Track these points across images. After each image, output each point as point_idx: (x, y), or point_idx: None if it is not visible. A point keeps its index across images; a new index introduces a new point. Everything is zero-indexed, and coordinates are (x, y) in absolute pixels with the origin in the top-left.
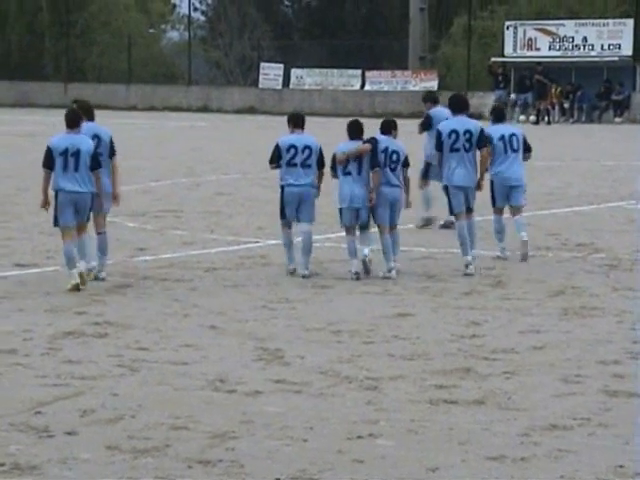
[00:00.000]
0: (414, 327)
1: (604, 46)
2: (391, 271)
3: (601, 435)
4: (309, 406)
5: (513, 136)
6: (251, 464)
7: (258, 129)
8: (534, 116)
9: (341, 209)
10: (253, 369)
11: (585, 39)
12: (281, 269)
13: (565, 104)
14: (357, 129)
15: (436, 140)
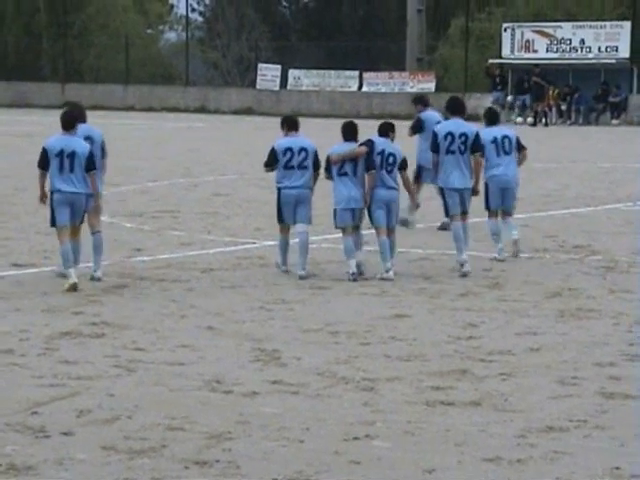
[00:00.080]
0: (411, 328)
1: (601, 48)
2: (389, 271)
3: (597, 437)
4: (306, 407)
5: (505, 138)
6: (247, 465)
7: (255, 130)
8: (531, 118)
9: (337, 210)
10: (250, 370)
11: (582, 41)
12: (278, 270)
13: (562, 106)
14: (351, 131)
15: (432, 141)
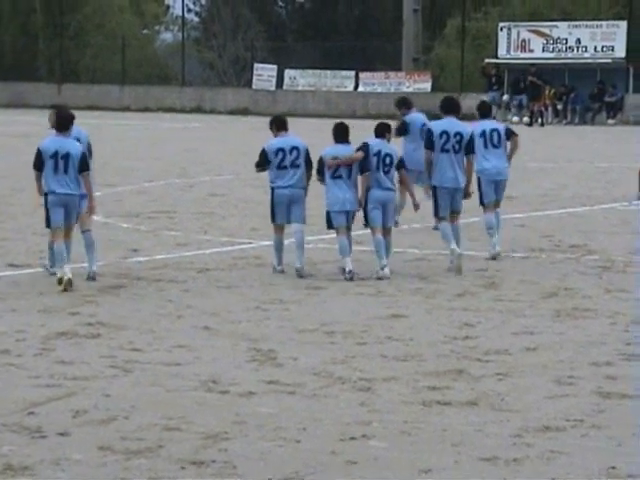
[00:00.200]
0: (407, 328)
1: (597, 48)
2: (384, 268)
3: (594, 436)
4: (302, 407)
5: (494, 132)
6: (244, 465)
7: (251, 130)
8: (527, 117)
9: (331, 212)
10: (246, 370)
11: (578, 41)
12: (274, 271)
13: (558, 106)
14: (342, 132)
15: (426, 139)
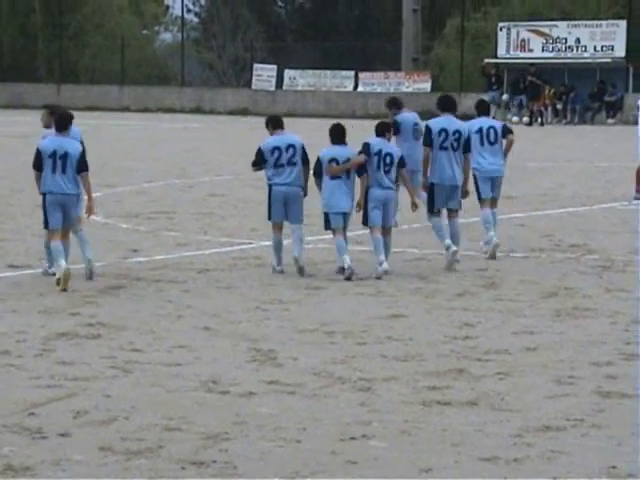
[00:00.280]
0: (407, 328)
1: (597, 47)
2: (382, 264)
3: (594, 436)
4: (302, 407)
5: (491, 129)
6: (244, 465)
7: (251, 130)
8: (527, 117)
9: (330, 214)
10: (246, 370)
11: (578, 40)
12: (274, 271)
13: (558, 105)
14: (339, 133)
15: (425, 136)
